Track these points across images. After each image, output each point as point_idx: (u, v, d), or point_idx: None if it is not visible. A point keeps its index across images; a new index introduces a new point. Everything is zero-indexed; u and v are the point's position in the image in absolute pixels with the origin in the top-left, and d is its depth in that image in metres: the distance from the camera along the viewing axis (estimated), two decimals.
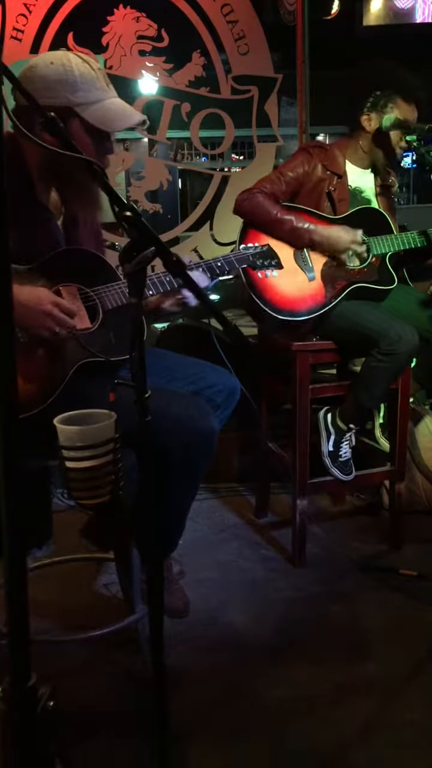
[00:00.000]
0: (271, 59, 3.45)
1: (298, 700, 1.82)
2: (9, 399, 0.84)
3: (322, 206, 2.54)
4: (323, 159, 2.55)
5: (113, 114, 1.78)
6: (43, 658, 1.08)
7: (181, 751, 1.59)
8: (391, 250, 2.52)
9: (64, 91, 1.72)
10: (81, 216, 1.96)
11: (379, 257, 2.52)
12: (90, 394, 1.65)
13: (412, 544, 2.60)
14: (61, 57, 1.76)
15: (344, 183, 2.56)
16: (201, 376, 2.07)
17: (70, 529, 2.13)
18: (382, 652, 2.00)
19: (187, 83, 3.41)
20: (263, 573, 2.46)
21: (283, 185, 2.53)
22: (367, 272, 2.51)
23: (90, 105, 1.75)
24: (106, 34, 3.32)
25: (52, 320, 1.66)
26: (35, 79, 1.72)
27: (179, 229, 3.67)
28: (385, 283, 2.52)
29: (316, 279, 2.48)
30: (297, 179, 2.55)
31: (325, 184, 2.53)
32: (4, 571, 0.84)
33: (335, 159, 2.57)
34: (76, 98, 1.73)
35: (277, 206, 2.48)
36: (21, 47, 3.22)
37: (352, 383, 2.49)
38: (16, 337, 1.70)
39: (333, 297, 2.46)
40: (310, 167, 2.54)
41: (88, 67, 1.77)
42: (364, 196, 2.62)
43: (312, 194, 2.54)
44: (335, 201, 2.53)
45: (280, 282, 2.43)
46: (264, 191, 2.50)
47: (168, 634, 1.19)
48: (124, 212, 1.16)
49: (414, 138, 2.45)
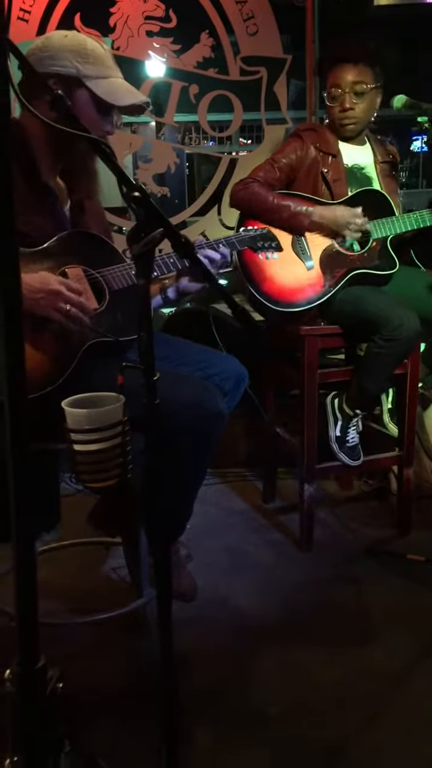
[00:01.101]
0: (281, 41, 3.41)
1: (304, 683, 1.82)
2: (17, 383, 0.83)
3: (319, 189, 2.50)
4: (315, 140, 2.52)
5: (120, 90, 1.81)
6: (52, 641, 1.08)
7: (188, 732, 1.60)
8: (392, 233, 2.47)
9: (76, 61, 1.74)
10: (87, 201, 1.97)
11: (379, 241, 2.47)
12: (98, 377, 1.65)
13: (420, 530, 2.60)
14: (75, 33, 1.83)
15: (339, 162, 2.52)
16: (209, 362, 2.07)
17: (79, 513, 2.13)
18: (389, 636, 2.00)
19: (195, 64, 3.37)
20: (271, 557, 2.46)
21: (276, 172, 2.50)
22: (367, 257, 2.47)
23: (98, 78, 1.77)
24: (113, 15, 3.28)
25: (61, 299, 1.65)
26: (48, 48, 1.75)
27: (187, 213, 3.64)
28: (386, 268, 2.47)
29: (314, 267, 2.44)
30: (290, 165, 2.52)
31: (319, 166, 2.50)
32: (13, 553, 0.84)
33: (327, 139, 2.54)
34: (86, 70, 1.76)
35: (273, 193, 2.45)
36: (28, 28, 3.19)
37: (356, 369, 2.47)
38: (27, 320, 1.70)
39: (332, 285, 2.43)
40: (302, 151, 2.51)
41: (100, 47, 1.81)
42: (365, 172, 2.58)
43: (308, 178, 2.51)
44: (329, 182, 2.50)
45: (278, 273, 2.40)
46: (258, 180, 2.47)
47: (176, 618, 1.18)
48: (132, 193, 1.14)
49: (426, 119, 2.42)
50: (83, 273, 1.80)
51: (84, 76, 1.76)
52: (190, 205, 3.66)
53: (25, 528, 0.85)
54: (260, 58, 3.36)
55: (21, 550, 0.85)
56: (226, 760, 1.58)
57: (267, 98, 3.42)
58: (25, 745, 0.82)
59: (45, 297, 1.64)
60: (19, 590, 0.83)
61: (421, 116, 2.40)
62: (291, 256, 2.44)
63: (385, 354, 2.33)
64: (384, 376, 2.42)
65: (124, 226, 3.48)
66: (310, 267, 2.43)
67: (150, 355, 1.14)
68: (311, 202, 2.47)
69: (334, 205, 2.46)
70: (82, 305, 1.69)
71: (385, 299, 2.38)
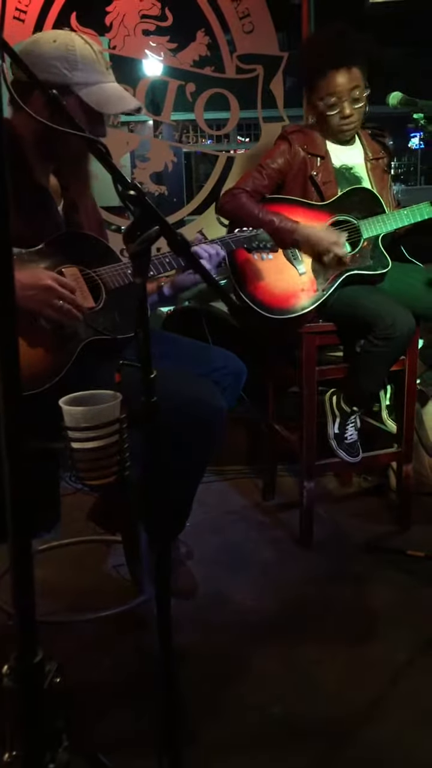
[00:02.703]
0: (278, 38, 3.41)
1: (305, 680, 1.82)
2: (12, 379, 0.84)
3: (308, 192, 2.49)
4: (303, 142, 2.49)
5: (110, 97, 1.78)
6: (52, 639, 1.09)
7: (188, 729, 1.61)
8: (382, 231, 2.44)
9: (64, 69, 1.71)
10: (81, 199, 1.97)
11: (370, 240, 2.45)
12: (96, 375, 1.65)
13: (420, 525, 2.60)
14: (64, 36, 1.77)
15: (327, 164, 2.50)
16: (207, 358, 2.07)
17: (79, 511, 2.14)
18: (389, 632, 2.01)
19: (192, 63, 3.37)
20: (270, 555, 2.47)
21: (265, 179, 2.49)
22: (359, 258, 2.44)
23: (88, 86, 1.74)
24: (109, 14, 3.28)
25: (54, 295, 1.66)
26: (36, 54, 1.72)
27: (185, 211, 3.64)
28: (378, 267, 2.45)
29: (306, 272, 2.43)
30: (279, 170, 2.50)
31: (307, 168, 2.48)
32: (10, 546, 0.84)
33: (315, 140, 2.51)
34: (75, 77, 1.73)
35: (259, 206, 2.43)
36: (23, 28, 3.18)
37: (352, 367, 2.47)
38: (25, 318, 1.71)
39: (325, 289, 2.41)
40: (290, 155, 2.49)
41: (90, 49, 1.77)
42: (354, 172, 2.55)
43: (297, 181, 2.49)
44: (319, 185, 2.47)
45: (270, 279, 2.39)
46: (246, 190, 2.46)
47: (176, 615, 1.18)
48: (127, 191, 1.15)
49: (421, 116, 2.40)
50: (79, 272, 1.80)
51: (73, 83, 1.73)
52: (187, 204, 3.66)
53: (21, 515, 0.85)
54: (256, 56, 3.36)
55: (17, 539, 0.85)
56: (227, 757, 1.59)
57: (263, 96, 3.42)
58: (23, 739, 0.82)
59: (37, 293, 1.64)
60: (16, 582, 0.83)
61: (417, 113, 2.39)
62: (283, 262, 2.42)
63: (380, 352, 2.32)
64: (380, 374, 2.42)
65: (122, 226, 3.49)
66: (302, 272, 2.42)
67: (147, 353, 1.14)
68: (301, 207, 2.45)
69: (323, 213, 2.44)
70: (74, 301, 1.69)
71: (378, 298, 2.37)
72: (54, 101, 1.21)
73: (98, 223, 2.09)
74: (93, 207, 2.06)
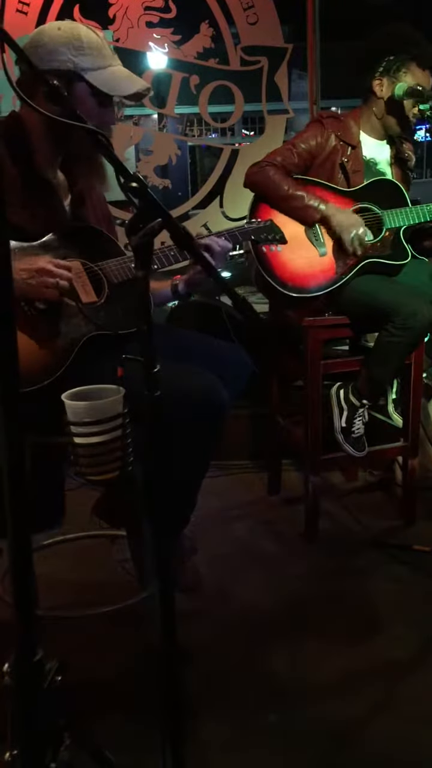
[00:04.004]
0: (282, 30, 3.39)
1: (309, 675, 1.82)
2: (11, 375, 0.82)
3: (335, 178, 2.49)
4: (336, 129, 2.49)
5: (118, 79, 1.79)
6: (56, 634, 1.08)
7: (191, 726, 1.60)
8: (405, 224, 2.46)
9: (71, 55, 1.72)
10: (88, 194, 1.96)
11: (392, 231, 2.47)
12: (99, 370, 1.64)
13: (426, 520, 2.59)
14: (68, 24, 1.80)
15: (358, 154, 2.50)
16: (211, 352, 2.06)
17: (83, 506, 2.13)
18: (394, 627, 2.00)
19: (196, 55, 3.35)
20: (275, 549, 2.46)
21: (295, 158, 2.48)
22: (380, 246, 2.46)
23: (96, 70, 1.75)
24: (112, 6, 3.26)
25: (50, 275, 1.65)
26: (43, 43, 1.73)
27: (189, 205, 3.63)
28: (398, 258, 2.47)
29: (327, 254, 2.44)
30: (309, 151, 2.49)
31: (338, 155, 2.48)
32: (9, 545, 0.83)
33: (349, 129, 2.51)
34: (83, 62, 1.73)
35: (288, 180, 2.43)
36: (27, 21, 3.17)
37: (366, 358, 2.46)
38: (23, 311, 1.70)
39: (344, 273, 2.42)
40: (323, 138, 2.49)
41: (95, 35, 1.79)
42: (379, 168, 2.57)
43: (325, 165, 2.49)
44: (349, 173, 2.48)
45: (290, 258, 2.40)
46: (275, 164, 2.45)
47: (180, 610, 1.18)
48: (130, 183, 1.13)
49: (427, 107, 2.39)
50: (82, 266, 1.79)
51: (81, 69, 1.73)
52: (192, 197, 3.65)
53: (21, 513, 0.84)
54: (261, 48, 3.34)
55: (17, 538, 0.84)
56: (231, 754, 1.58)
57: (268, 88, 3.40)
58: (24, 738, 0.81)
59: (34, 276, 1.64)
60: (16, 581, 0.82)
61: (423, 104, 2.37)
62: (305, 242, 2.43)
63: (398, 343, 2.32)
64: (395, 364, 2.41)
65: (126, 219, 3.48)
66: (323, 253, 2.43)
67: (150, 347, 1.13)
68: (327, 191, 2.45)
69: (351, 196, 2.45)
70: (71, 280, 1.68)
71: (398, 288, 2.38)
72: (54, 92, 1.20)
73: (106, 219, 2.08)
74: (101, 202, 2.05)
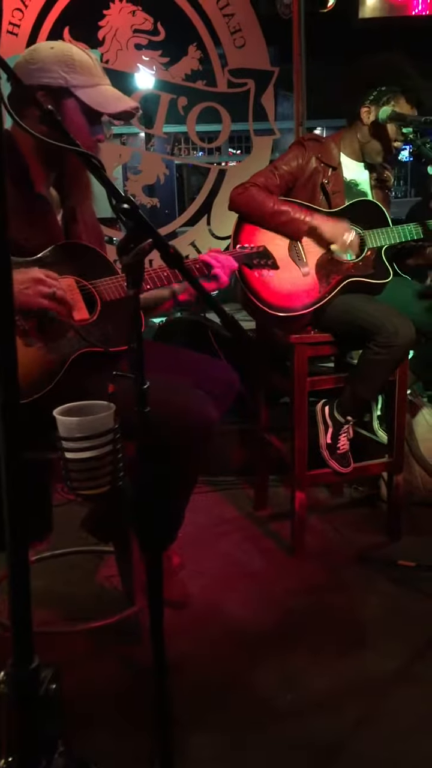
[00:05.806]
0: (268, 53, 3.45)
1: (297, 690, 1.82)
2: (11, 391, 0.84)
3: (316, 199, 2.53)
4: (317, 151, 2.55)
5: (108, 98, 1.84)
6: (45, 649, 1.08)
7: (181, 740, 1.60)
8: (386, 243, 2.51)
9: (63, 72, 1.78)
10: (79, 210, 1.98)
11: (374, 250, 2.51)
12: (90, 386, 1.66)
13: (411, 536, 2.61)
14: (61, 44, 1.88)
15: (339, 175, 2.55)
16: (199, 368, 2.08)
17: (71, 521, 2.14)
18: (381, 642, 2.02)
19: (184, 77, 3.41)
20: (262, 565, 2.47)
21: (277, 179, 2.53)
22: (362, 266, 2.50)
23: (87, 87, 1.81)
24: (102, 28, 3.32)
25: (42, 284, 1.67)
26: (35, 60, 1.78)
27: (177, 223, 3.67)
28: (380, 277, 2.51)
29: (310, 274, 2.47)
30: (291, 173, 2.54)
31: (319, 177, 2.53)
32: (7, 554, 0.84)
33: (330, 151, 2.57)
34: (74, 80, 1.79)
35: (272, 198, 2.47)
36: (17, 42, 3.21)
37: (350, 376, 2.50)
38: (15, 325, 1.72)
39: (327, 291, 2.46)
40: (304, 160, 2.54)
41: (86, 55, 1.85)
42: (360, 188, 2.62)
43: (306, 186, 2.54)
44: (329, 194, 2.53)
45: (274, 278, 2.42)
46: (257, 184, 2.50)
47: (168, 626, 1.19)
48: (121, 204, 1.16)
49: (410, 130, 2.45)
50: (75, 284, 1.81)
51: (72, 85, 1.79)
52: (179, 216, 3.69)
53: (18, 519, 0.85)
54: (248, 71, 3.40)
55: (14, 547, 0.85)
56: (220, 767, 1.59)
57: (255, 109, 3.45)
58: (19, 745, 0.82)
59: (31, 286, 1.66)
60: (13, 589, 0.84)
61: (406, 128, 2.43)
62: (288, 262, 2.46)
63: (381, 360, 2.35)
64: (379, 381, 2.45)
65: (114, 237, 3.51)
66: (305, 273, 2.46)
67: (140, 365, 1.16)
68: (309, 211, 2.50)
69: (333, 216, 2.50)
70: (63, 289, 1.71)
71: (379, 306, 2.41)
72: (48, 115, 1.23)
73: (97, 235, 2.10)
74: (92, 218, 2.07)
